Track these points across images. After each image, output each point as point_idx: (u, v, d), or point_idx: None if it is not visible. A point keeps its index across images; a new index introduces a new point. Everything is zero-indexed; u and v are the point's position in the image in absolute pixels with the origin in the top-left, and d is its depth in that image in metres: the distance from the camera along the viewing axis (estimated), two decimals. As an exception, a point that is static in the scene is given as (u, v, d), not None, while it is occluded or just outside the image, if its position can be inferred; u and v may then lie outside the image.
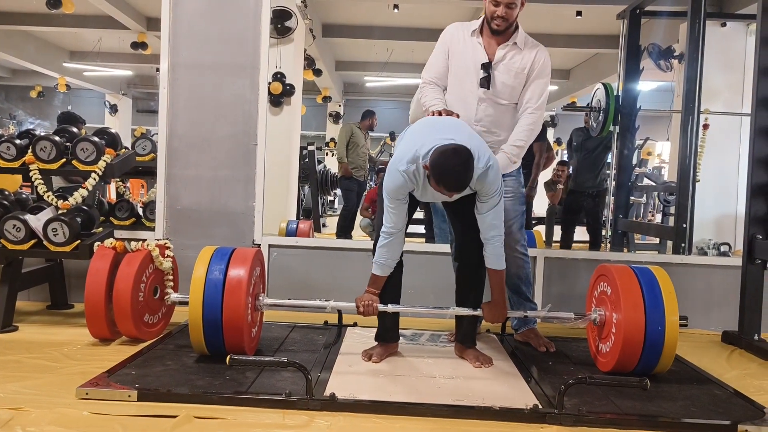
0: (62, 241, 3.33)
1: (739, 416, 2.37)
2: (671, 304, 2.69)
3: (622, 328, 2.67)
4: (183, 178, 3.95)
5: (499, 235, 2.80)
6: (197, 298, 2.72)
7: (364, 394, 2.43)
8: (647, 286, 2.72)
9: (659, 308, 2.67)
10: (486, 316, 2.88)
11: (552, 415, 2.30)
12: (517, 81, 3.10)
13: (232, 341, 2.74)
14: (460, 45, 3.16)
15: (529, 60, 3.10)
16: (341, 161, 7.55)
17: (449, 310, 2.95)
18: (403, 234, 2.82)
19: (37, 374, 2.62)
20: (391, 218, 2.76)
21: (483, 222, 2.78)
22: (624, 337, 2.66)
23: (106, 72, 14.06)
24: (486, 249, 2.82)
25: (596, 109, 5.43)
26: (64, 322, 3.58)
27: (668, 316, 2.67)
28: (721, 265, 4.07)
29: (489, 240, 2.80)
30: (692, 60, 4.68)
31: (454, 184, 2.55)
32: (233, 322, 2.71)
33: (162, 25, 3.93)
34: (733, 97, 6.55)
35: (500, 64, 3.10)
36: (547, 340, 3.26)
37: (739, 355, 3.44)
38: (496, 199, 2.73)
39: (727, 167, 6.47)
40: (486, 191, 2.71)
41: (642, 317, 2.66)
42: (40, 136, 3.59)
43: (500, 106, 3.14)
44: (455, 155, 2.53)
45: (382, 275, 2.85)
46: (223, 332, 2.72)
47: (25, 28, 10.99)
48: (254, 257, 2.86)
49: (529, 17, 8.76)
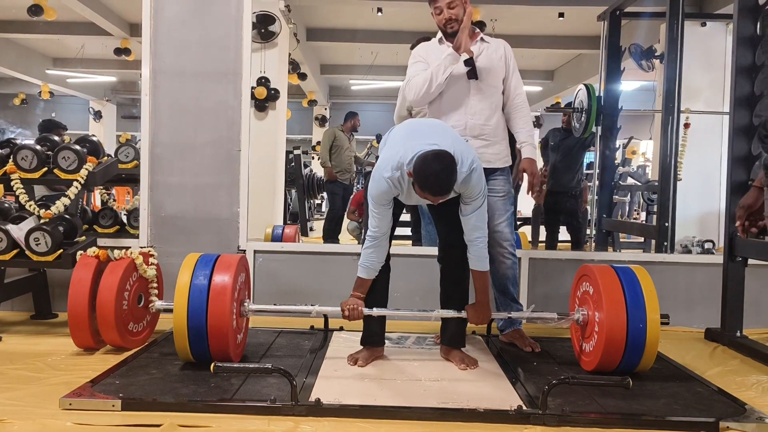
0: (45, 250, 3.31)
1: (721, 413, 2.39)
2: (652, 303, 2.72)
3: (605, 327, 2.69)
4: (167, 185, 3.94)
5: (483, 236, 2.82)
6: (182, 305, 2.72)
7: (350, 399, 2.43)
8: (628, 285, 2.75)
9: (640, 307, 2.70)
10: (470, 318, 2.90)
11: (536, 415, 2.31)
12: (498, 66, 3.24)
13: (218, 348, 2.73)
14: (434, 56, 3.23)
15: (501, 49, 3.27)
16: (324, 165, 7.62)
17: (433, 312, 2.97)
18: (387, 237, 2.84)
19: (21, 385, 2.60)
20: (376, 222, 2.78)
21: (467, 224, 2.80)
22: (606, 336, 2.68)
23: (89, 78, 13.98)
24: (470, 251, 2.84)
25: (579, 109, 5.48)
26: (47, 332, 3.56)
27: (649, 315, 2.70)
28: (703, 263, 4.11)
29: (473, 242, 2.82)
30: (671, 60, 4.73)
31: (438, 189, 2.56)
32: (218, 329, 2.70)
33: (143, 32, 3.93)
34: (715, 96, 6.63)
35: (479, 56, 3.21)
36: (532, 340, 3.28)
37: (721, 352, 3.48)
38: (480, 201, 2.75)
39: (709, 165, 6.54)
40: (470, 194, 2.73)
41: (624, 316, 2.69)
42: (21, 146, 3.56)
43: (490, 96, 3.23)
44: (438, 160, 2.54)
45: (367, 278, 2.86)
46: (209, 339, 2.72)
47: (6, 36, 10.90)
48: (239, 263, 2.86)
49: (512, 19, 8.86)
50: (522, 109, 3.28)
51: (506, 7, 8.00)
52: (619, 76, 5.42)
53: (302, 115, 15.50)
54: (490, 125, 3.22)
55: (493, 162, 3.23)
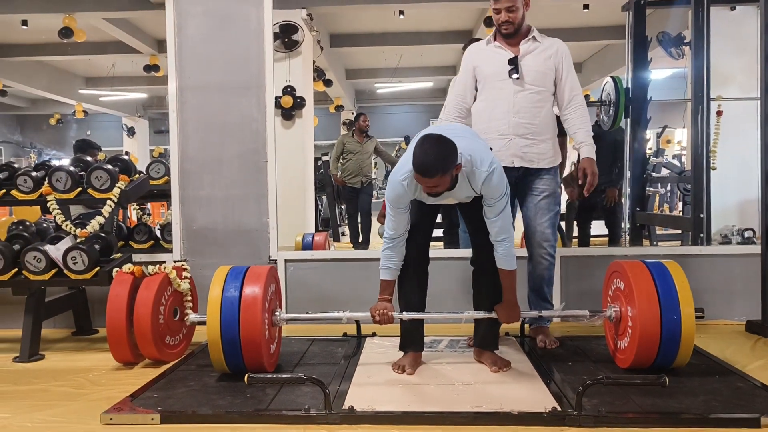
0: (82, 268, 3.39)
1: (763, 409, 2.34)
2: (686, 297, 2.67)
3: (638, 323, 2.65)
4: (197, 199, 4.00)
5: (510, 237, 2.82)
6: (214, 318, 2.76)
7: (383, 405, 2.44)
8: (660, 279, 2.71)
9: (674, 301, 2.66)
10: (500, 318, 2.89)
11: (571, 417, 2.30)
12: (546, 66, 3.21)
13: (252, 358, 2.77)
14: (483, 55, 3.29)
15: (553, 48, 3.24)
16: (332, 173, 7.83)
17: (463, 314, 2.97)
18: (405, 239, 2.86)
19: (64, 402, 2.67)
20: (393, 224, 2.82)
21: (492, 227, 2.79)
22: (640, 332, 2.65)
23: (121, 96, 14.27)
24: (497, 250, 2.83)
25: (606, 102, 5.39)
26: (88, 348, 3.65)
27: (683, 309, 2.65)
28: (741, 254, 4.02)
29: (499, 243, 2.82)
30: (699, 47, 4.63)
31: (426, 169, 2.53)
32: (251, 340, 2.74)
33: (168, 50, 4.00)
34: (748, 81, 6.43)
35: (527, 55, 3.21)
36: (555, 339, 3.28)
37: (763, 344, 3.40)
38: (503, 203, 2.74)
39: (746, 152, 6.35)
40: (491, 195, 2.72)
41: (657, 311, 2.65)
42: (56, 167, 3.67)
43: (535, 95, 3.20)
44: (429, 140, 2.58)
45: (391, 279, 2.89)
46: (242, 350, 2.76)
47: (39, 58, 11.19)
48: (268, 274, 2.90)
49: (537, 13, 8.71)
50: (579, 109, 3.24)
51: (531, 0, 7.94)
52: (646, 66, 5.32)
53: (329, 121, 15.56)
54: (534, 124, 3.20)
55: (536, 162, 3.22)
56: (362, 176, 7.69)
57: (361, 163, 7.69)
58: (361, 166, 7.69)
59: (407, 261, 2.93)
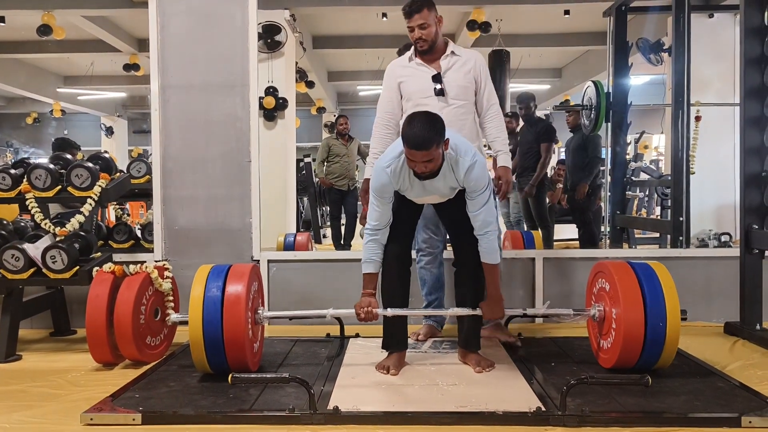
0: (61, 268, 3.34)
1: (743, 408, 2.37)
2: (672, 299, 2.69)
3: (622, 323, 2.67)
4: (179, 199, 3.96)
5: (494, 230, 2.84)
6: (197, 317, 2.73)
7: (368, 406, 2.43)
8: (647, 281, 2.73)
9: (660, 302, 2.68)
10: (485, 314, 2.90)
11: (555, 416, 2.31)
12: (467, 80, 3.29)
13: (235, 357, 2.75)
14: (406, 72, 3.33)
15: (471, 61, 3.32)
16: (318, 175, 7.87)
17: (448, 310, 3.00)
18: (387, 231, 2.88)
19: (42, 402, 2.63)
20: (376, 216, 2.84)
21: (475, 221, 2.82)
22: (624, 332, 2.66)
23: (100, 95, 14.11)
24: (480, 244, 2.85)
25: (587, 107, 5.45)
26: (67, 349, 3.59)
27: (669, 311, 2.67)
28: (720, 257, 4.08)
29: (482, 236, 2.84)
30: (679, 53, 4.70)
31: (420, 141, 2.58)
32: (234, 338, 2.71)
33: (151, 48, 3.96)
34: (725, 87, 6.55)
35: (448, 71, 3.28)
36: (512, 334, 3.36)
37: (741, 345, 3.44)
38: (486, 195, 2.77)
39: (723, 157, 6.46)
40: (474, 186, 2.75)
41: (641, 312, 2.67)
42: (35, 165, 3.61)
43: (459, 108, 3.27)
44: (416, 116, 2.66)
45: (374, 272, 2.89)
46: (225, 349, 2.73)
47: (17, 56, 11.03)
48: (251, 272, 2.87)
49: (518, 19, 8.84)
50: (495, 118, 3.34)
51: (511, 6, 7.98)
52: (627, 72, 5.39)
53: (311, 122, 15.54)
54: None
55: None
56: (349, 179, 7.69)
57: (348, 165, 7.68)
58: (348, 168, 7.68)
59: (390, 262, 2.94)
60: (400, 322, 2.99)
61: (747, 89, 3.60)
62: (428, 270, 3.50)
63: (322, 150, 7.74)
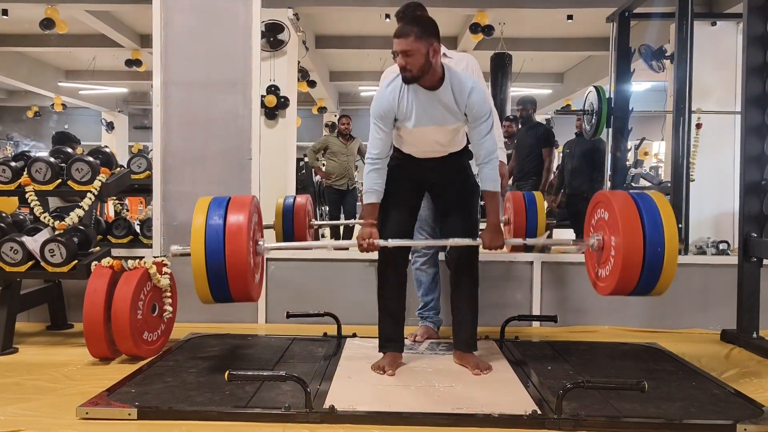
0: (59, 261, 3.34)
1: (738, 415, 2.37)
2: (670, 226, 2.65)
3: (621, 249, 2.64)
4: (179, 195, 3.96)
5: (495, 159, 2.86)
6: (199, 247, 2.69)
7: (364, 406, 2.43)
8: (646, 208, 2.69)
9: (658, 228, 2.64)
10: (484, 242, 2.89)
11: (551, 420, 2.31)
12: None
13: (237, 287, 2.73)
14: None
15: (461, 63, 3.23)
16: (312, 165, 7.84)
17: (449, 240, 2.95)
18: (387, 161, 2.88)
19: (38, 395, 2.62)
20: (378, 145, 2.84)
21: (481, 149, 2.85)
22: (623, 257, 2.63)
23: (101, 90, 14.11)
24: (481, 172, 2.89)
25: (589, 112, 5.46)
26: (63, 343, 3.59)
27: (668, 237, 2.63)
28: (718, 264, 4.09)
29: (485, 164, 2.86)
30: (681, 60, 4.70)
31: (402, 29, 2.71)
32: (237, 267, 2.69)
33: (153, 44, 3.97)
34: (727, 95, 6.56)
35: None
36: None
37: (738, 353, 3.45)
38: (488, 126, 2.82)
39: (723, 165, 6.47)
40: (477, 114, 2.78)
41: (640, 237, 2.63)
42: (35, 158, 3.61)
43: None
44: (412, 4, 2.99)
45: (376, 201, 2.88)
46: (228, 279, 2.71)
47: (19, 49, 11.02)
48: (251, 203, 2.85)
49: (520, 23, 8.85)
50: None
51: (514, 10, 7.98)
52: (629, 78, 5.40)
53: (312, 122, 15.54)
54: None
55: None
56: (348, 178, 7.68)
57: (347, 165, 7.67)
58: (347, 167, 7.67)
59: (386, 263, 2.97)
60: (398, 326, 3.00)
61: (748, 98, 3.60)
62: (424, 271, 3.50)
63: (319, 144, 7.77)
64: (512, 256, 4.14)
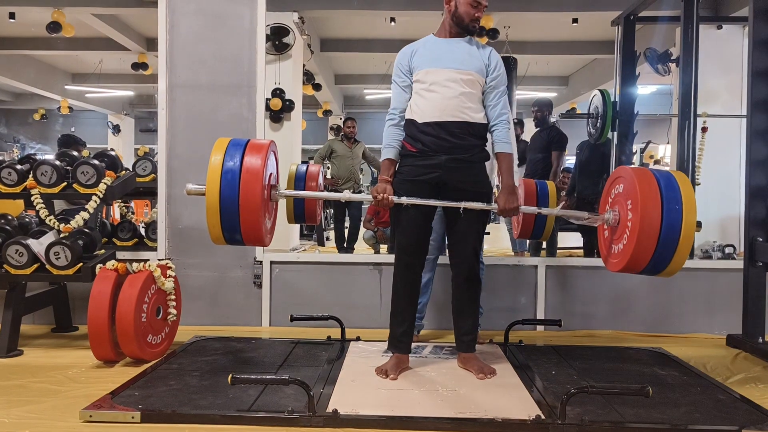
0: (64, 264, 3.35)
1: (744, 421, 2.37)
2: (690, 205, 2.59)
3: (638, 223, 2.58)
4: (184, 198, 3.96)
5: (507, 120, 2.94)
6: (214, 186, 2.68)
7: (367, 409, 2.43)
8: (666, 185, 2.63)
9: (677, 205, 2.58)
10: (498, 204, 2.86)
11: (555, 425, 2.30)
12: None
13: (249, 229, 2.72)
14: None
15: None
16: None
17: (461, 203, 2.86)
18: (404, 116, 2.97)
19: (42, 398, 2.63)
20: (396, 98, 2.98)
21: (493, 111, 2.93)
22: (639, 232, 2.57)
23: (107, 93, 14.16)
24: (494, 134, 2.93)
25: (594, 115, 5.44)
26: (68, 345, 3.59)
27: (686, 216, 2.57)
28: (723, 269, 4.06)
29: (497, 125, 2.92)
30: (687, 64, 4.69)
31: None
32: (250, 210, 2.68)
33: (159, 48, 3.98)
34: (732, 99, 6.56)
35: None
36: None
37: (743, 358, 3.43)
38: (503, 87, 2.95)
39: (729, 169, 6.46)
40: (494, 72, 2.93)
41: (659, 212, 2.57)
42: (41, 161, 3.62)
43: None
44: None
45: (393, 158, 2.95)
46: (240, 220, 2.69)
47: (26, 52, 11.08)
48: (269, 147, 2.84)
49: (526, 26, 8.84)
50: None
51: (519, 14, 7.98)
52: (634, 81, 5.38)
53: (317, 125, 15.56)
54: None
55: None
56: (353, 182, 7.66)
57: (352, 169, 7.64)
58: (352, 171, 7.65)
59: (401, 266, 2.96)
60: (408, 327, 2.99)
61: (754, 101, 3.59)
62: None
63: (324, 149, 7.73)
64: (516, 260, 4.14)
